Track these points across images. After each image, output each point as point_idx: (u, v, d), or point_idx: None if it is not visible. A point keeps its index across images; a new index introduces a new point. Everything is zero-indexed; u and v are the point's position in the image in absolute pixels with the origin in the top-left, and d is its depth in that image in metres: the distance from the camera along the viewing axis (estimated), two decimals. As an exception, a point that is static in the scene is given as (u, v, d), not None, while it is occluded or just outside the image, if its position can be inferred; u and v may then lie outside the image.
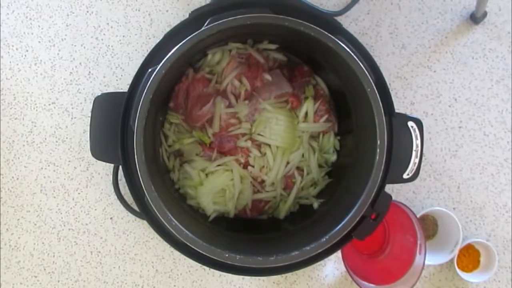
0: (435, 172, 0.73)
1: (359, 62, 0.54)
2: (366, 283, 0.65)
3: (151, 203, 0.53)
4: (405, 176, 0.56)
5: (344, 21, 0.72)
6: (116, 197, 0.72)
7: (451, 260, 0.70)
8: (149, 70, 0.54)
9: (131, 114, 0.54)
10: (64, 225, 0.73)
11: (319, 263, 0.62)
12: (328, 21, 0.58)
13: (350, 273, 0.64)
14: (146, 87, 0.53)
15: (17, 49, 0.73)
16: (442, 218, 0.72)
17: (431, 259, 0.70)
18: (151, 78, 0.53)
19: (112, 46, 0.73)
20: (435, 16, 0.73)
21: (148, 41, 0.73)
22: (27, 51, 0.73)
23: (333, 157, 0.68)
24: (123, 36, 0.73)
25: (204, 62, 0.67)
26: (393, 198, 0.61)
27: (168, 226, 0.53)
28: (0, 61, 0.73)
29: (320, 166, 0.68)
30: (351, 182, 0.62)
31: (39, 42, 0.73)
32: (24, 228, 0.73)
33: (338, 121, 0.69)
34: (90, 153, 0.58)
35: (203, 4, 0.72)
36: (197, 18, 0.56)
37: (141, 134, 0.53)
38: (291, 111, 0.67)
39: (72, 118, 0.73)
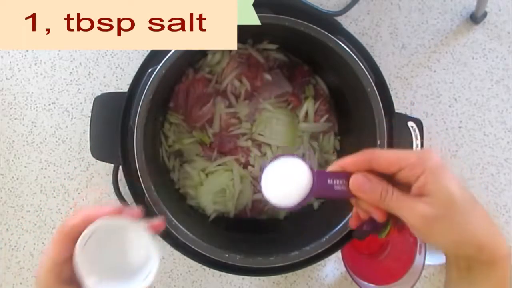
0: (435, 172, 0.73)
1: (359, 62, 0.54)
2: (366, 283, 0.64)
3: (151, 203, 0.53)
4: (405, 176, 0.56)
5: (344, 21, 0.72)
6: (116, 197, 0.72)
7: (451, 260, 0.70)
8: (149, 70, 0.54)
9: (131, 114, 0.54)
10: (64, 225, 0.73)
11: (319, 263, 0.62)
12: (328, 21, 0.58)
13: (350, 273, 0.64)
14: (146, 87, 0.53)
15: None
16: (442, 218, 0.72)
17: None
18: (151, 78, 0.53)
19: (112, 46, 0.73)
20: (435, 16, 0.73)
21: (148, 41, 0.73)
22: (27, 51, 0.73)
23: (333, 157, 0.68)
24: (123, 36, 0.73)
25: (204, 62, 0.67)
26: (393, 198, 0.61)
27: (168, 226, 0.53)
28: (0, 61, 0.73)
29: (320, 166, 0.68)
30: (351, 182, 0.62)
31: (39, 42, 0.73)
32: (24, 228, 0.73)
33: (338, 121, 0.69)
34: (90, 153, 0.58)
35: (203, 4, 0.72)
36: (197, 18, 0.56)
37: (141, 134, 0.53)
38: (292, 111, 0.67)
39: (72, 118, 0.73)
